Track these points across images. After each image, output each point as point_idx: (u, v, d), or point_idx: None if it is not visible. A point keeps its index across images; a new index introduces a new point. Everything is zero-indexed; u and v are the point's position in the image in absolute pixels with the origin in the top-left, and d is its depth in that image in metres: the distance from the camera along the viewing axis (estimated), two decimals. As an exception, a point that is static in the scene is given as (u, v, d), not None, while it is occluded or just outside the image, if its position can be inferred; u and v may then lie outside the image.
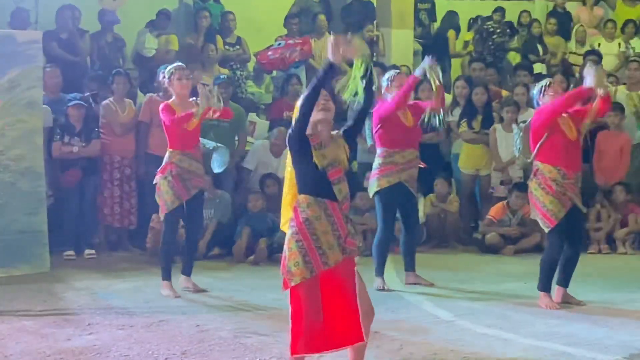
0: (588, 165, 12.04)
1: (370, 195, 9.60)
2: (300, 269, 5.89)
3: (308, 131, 5.95)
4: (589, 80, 8.58)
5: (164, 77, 9.37)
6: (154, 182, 9.27)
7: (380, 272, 9.51)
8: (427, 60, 9.50)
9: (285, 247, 5.99)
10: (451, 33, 15.47)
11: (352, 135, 6.28)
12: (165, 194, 9.08)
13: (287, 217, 6.08)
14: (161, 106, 9.20)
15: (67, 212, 11.30)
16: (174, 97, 9.20)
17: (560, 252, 8.77)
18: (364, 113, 6.31)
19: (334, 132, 6.09)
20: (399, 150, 9.36)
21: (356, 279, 6.00)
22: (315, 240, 5.90)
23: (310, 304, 5.93)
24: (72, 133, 11.25)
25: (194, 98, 9.17)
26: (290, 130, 5.98)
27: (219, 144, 10.53)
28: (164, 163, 9.15)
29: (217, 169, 10.50)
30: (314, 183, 5.94)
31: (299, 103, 6.00)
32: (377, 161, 9.47)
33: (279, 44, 13.57)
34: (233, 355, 7.18)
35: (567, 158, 8.61)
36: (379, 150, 9.48)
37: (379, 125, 9.40)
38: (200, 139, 9.53)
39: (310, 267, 5.89)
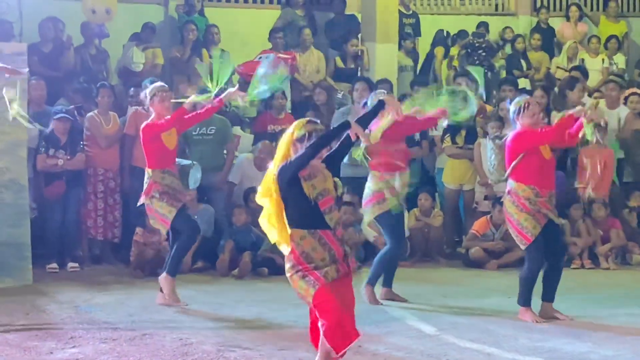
0: (568, 181, 12.13)
1: (371, 218, 9.57)
2: (308, 289, 6.04)
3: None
4: (577, 110, 8.77)
5: (146, 96, 9.42)
6: (140, 203, 9.33)
7: (389, 283, 9.61)
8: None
9: (289, 279, 6.14)
10: (438, 50, 15.49)
11: (336, 162, 6.42)
12: (160, 209, 9.13)
13: (273, 235, 6.22)
14: (146, 126, 9.23)
15: (51, 224, 11.27)
16: (153, 116, 9.22)
17: (540, 267, 8.80)
18: (349, 145, 6.41)
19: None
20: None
21: None
22: (313, 267, 6.04)
23: (334, 304, 6.02)
24: (57, 146, 11.23)
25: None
26: (284, 165, 6.05)
27: (193, 162, 10.49)
28: (146, 184, 9.20)
29: (192, 185, 10.47)
30: (306, 215, 6.05)
31: (300, 143, 6.09)
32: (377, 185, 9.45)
33: (267, 57, 13.54)
34: (220, 364, 7.24)
35: (541, 177, 8.66)
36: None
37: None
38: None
39: (313, 283, 6.03)
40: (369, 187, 9.37)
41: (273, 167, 6.12)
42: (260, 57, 13.53)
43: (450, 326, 8.61)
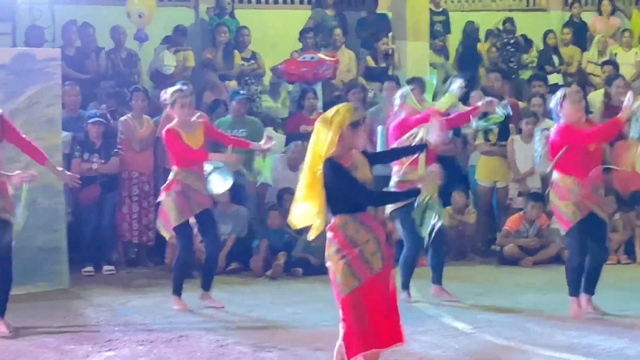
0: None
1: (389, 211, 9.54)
2: (348, 279, 6.00)
3: (339, 152, 5.99)
4: (626, 112, 8.67)
5: (165, 100, 9.47)
6: (158, 200, 9.40)
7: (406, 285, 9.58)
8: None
9: (331, 264, 6.09)
10: (482, 46, 15.52)
11: (375, 162, 6.42)
12: (170, 210, 9.16)
13: (300, 211, 6.18)
14: (166, 132, 9.29)
15: (86, 228, 11.33)
16: (176, 120, 9.25)
17: (581, 257, 8.73)
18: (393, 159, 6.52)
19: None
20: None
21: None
22: (359, 251, 6.00)
23: (359, 311, 6.03)
24: (92, 150, 11.29)
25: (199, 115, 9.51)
26: (329, 170, 5.97)
27: (220, 165, 10.43)
28: (168, 181, 9.26)
29: (215, 190, 10.37)
30: (347, 202, 6.03)
31: (355, 128, 6.04)
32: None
33: (312, 57, 13.55)
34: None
35: (584, 168, 8.58)
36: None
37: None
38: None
39: (357, 275, 6.00)
40: (394, 179, 9.35)
41: (318, 153, 6.00)
42: (304, 57, 13.60)
43: (486, 324, 8.62)
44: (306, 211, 6.09)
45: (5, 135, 8.33)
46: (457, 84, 9.49)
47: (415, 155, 6.68)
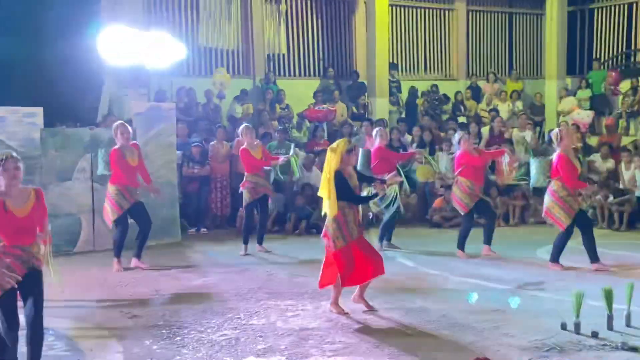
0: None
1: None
2: (340, 240, 6.06)
3: (341, 168, 6.03)
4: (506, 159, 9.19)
5: (238, 132, 9.49)
6: (240, 191, 9.36)
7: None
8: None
9: (329, 229, 6.10)
10: (419, 100, 15.39)
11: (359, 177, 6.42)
12: (245, 195, 9.16)
13: (324, 201, 6.17)
14: (241, 150, 9.21)
15: (190, 206, 11.29)
16: (245, 143, 9.18)
17: (470, 224, 8.83)
18: (366, 180, 6.70)
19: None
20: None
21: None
22: (346, 223, 6.06)
23: (347, 260, 6.08)
24: (194, 161, 11.27)
25: (258, 142, 9.45)
26: (341, 176, 6.03)
27: (292, 154, 10.36)
28: (243, 180, 9.23)
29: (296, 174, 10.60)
30: (344, 195, 6.07)
31: (349, 154, 6.07)
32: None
33: (321, 107, 13.63)
34: (287, 288, 7.27)
35: (476, 176, 8.69)
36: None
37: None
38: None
39: (345, 237, 6.07)
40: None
41: (330, 168, 6.04)
42: (318, 107, 13.63)
43: (424, 262, 8.59)
44: (325, 201, 6.15)
45: (140, 160, 8.32)
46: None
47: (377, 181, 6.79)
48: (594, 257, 7.82)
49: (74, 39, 11.46)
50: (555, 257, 7.93)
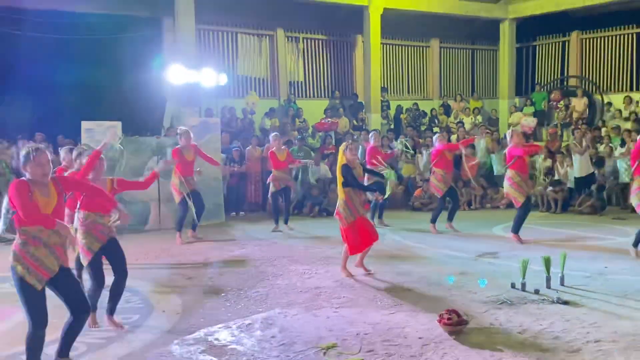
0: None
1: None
2: (348, 216, 5.99)
3: (347, 161, 5.98)
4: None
5: (269, 141, 9.45)
6: (267, 183, 9.29)
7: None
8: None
9: (340, 208, 6.03)
10: (403, 115, 15.25)
11: (363, 168, 6.39)
12: (271, 186, 9.10)
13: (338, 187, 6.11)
14: (270, 152, 9.15)
15: (231, 195, 11.21)
16: (274, 147, 9.13)
17: (442, 206, 8.68)
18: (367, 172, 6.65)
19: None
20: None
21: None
22: (354, 204, 5.99)
23: (354, 234, 6.02)
24: (234, 161, 11.21)
25: (284, 147, 9.32)
26: (347, 167, 5.97)
27: (308, 160, 10.30)
28: (270, 176, 9.16)
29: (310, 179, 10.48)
30: (350, 183, 6.02)
31: (345, 151, 6.01)
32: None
33: (329, 120, 13.61)
34: (304, 256, 7.19)
35: (447, 166, 8.61)
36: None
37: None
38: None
39: (353, 214, 6.00)
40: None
41: (339, 163, 6.03)
42: (326, 120, 13.65)
43: (407, 236, 8.51)
44: (339, 187, 6.07)
45: (199, 153, 8.29)
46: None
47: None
48: (515, 228, 7.69)
49: (144, 70, 11.62)
50: (515, 229, 7.71)
